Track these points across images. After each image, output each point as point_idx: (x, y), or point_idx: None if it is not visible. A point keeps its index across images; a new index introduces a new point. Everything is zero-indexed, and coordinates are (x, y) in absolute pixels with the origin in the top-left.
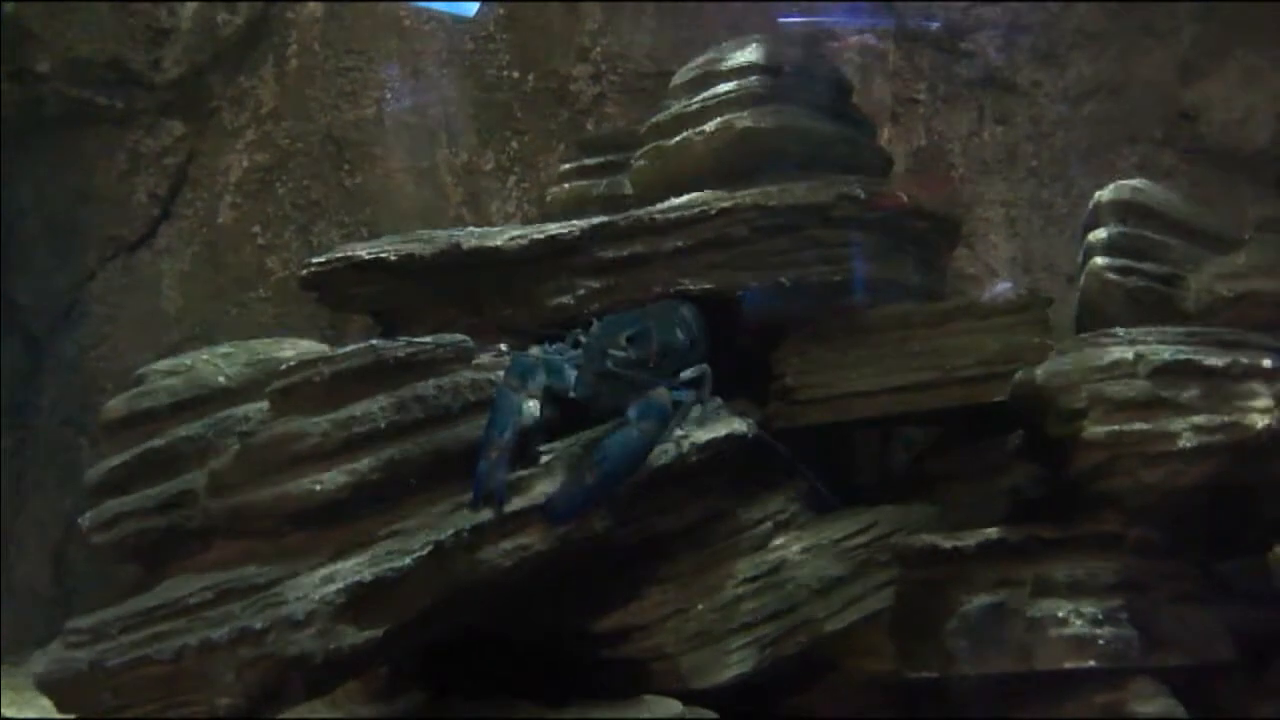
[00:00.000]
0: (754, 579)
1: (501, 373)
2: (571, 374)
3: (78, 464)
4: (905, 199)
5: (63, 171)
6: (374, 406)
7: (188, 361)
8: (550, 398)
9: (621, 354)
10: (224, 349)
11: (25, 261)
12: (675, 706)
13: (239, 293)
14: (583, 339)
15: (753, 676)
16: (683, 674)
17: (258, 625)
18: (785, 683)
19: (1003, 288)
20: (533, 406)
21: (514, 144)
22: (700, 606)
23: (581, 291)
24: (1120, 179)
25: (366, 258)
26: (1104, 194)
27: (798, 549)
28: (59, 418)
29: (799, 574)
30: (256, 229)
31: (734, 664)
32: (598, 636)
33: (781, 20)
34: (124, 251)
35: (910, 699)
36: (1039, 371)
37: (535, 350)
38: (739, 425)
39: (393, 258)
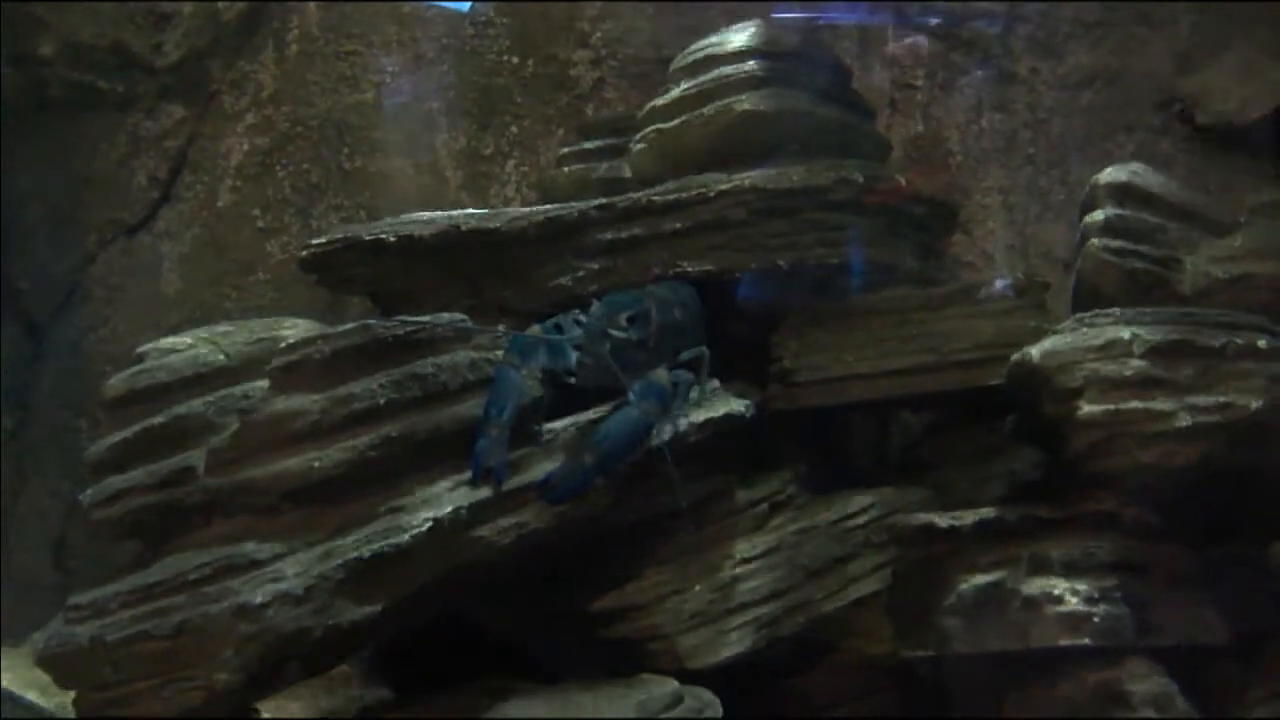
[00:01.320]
0: (751, 559)
1: (501, 352)
2: (571, 354)
3: (78, 447)
4: (903, 184)
5: (64, 155)
6: (373, 384)
7: (188, 340)
8: (550, 377)
9: (622, 334)
10: (223, 327)
11: (25, 245)
12: (672, 685)
13: (239, 276)
14: (582, 319)
15: (750, 657)
16: (680, 654)
17: (257, 600)
18: (782, 663)
19: (999, 277)
20: (532, 386)
21: (513, 128)
22: (698, 587)
23: (580, 273)
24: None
25: (366, 239)
26: (1101, 177)
27: (794, 530)
28: (59, 401)
29: (796, 555)
30: (256, 212)
31: (731, 644)
32: (595, 616)
33: (778, 15)
34: (124, 235)
35: (907, 678)
36: (1035, 351)
37: (535, 330)
38: (737, 406)
39: (392, 239)
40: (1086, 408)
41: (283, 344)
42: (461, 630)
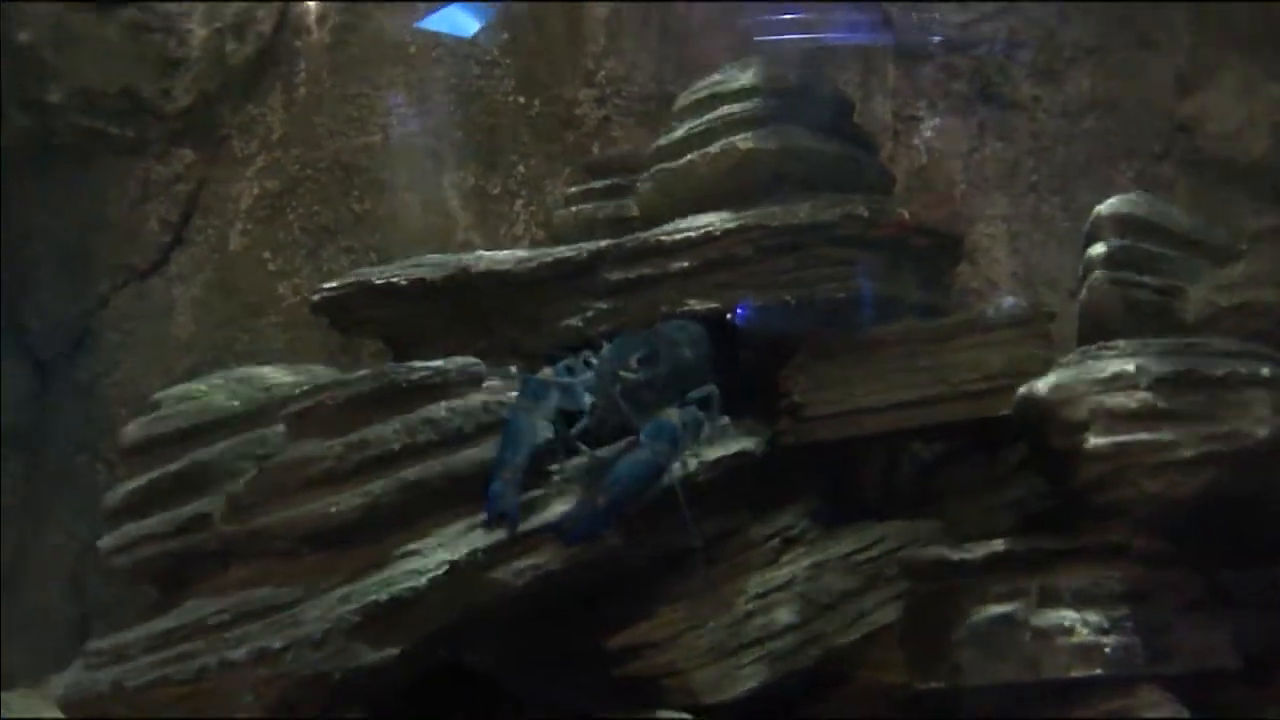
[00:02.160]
0: (765, 595)
1: (513, 394)
2: (583, 395)
3: (93, 489)
4: (908, 217)
5: (75, 200)
6: (387, 430)
7: (202, 387)
8: (562, 419)
9: (632, 375)
10: (238, 374)
11: (38, 289)
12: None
13: (250, 318)
14: (593, 360)
15: (764, 691)
16: (695, 689)
17: (276, 645)
18: (797, 697)
19: (1006, 303)
20: (545, 428)
21: (520, 168)
22: (712, 623)
23: (590, 313)
24: (1120, 192)
25: (377, 283)
26: (1103, 208)
27: (807, 564)
28: (72, 444)
29: (809, 589)
30: (267, 255)
31: (745, 679)
32: (610, 654)
33: (778, 39)
34: (136, 278)
35: (921, 710)
36: (1041, 385)
37: (547, 372)
38: (748, 443)
39: (403, 282)
40: (1093, 440)
41: (297, 390)
42: (465, 675)
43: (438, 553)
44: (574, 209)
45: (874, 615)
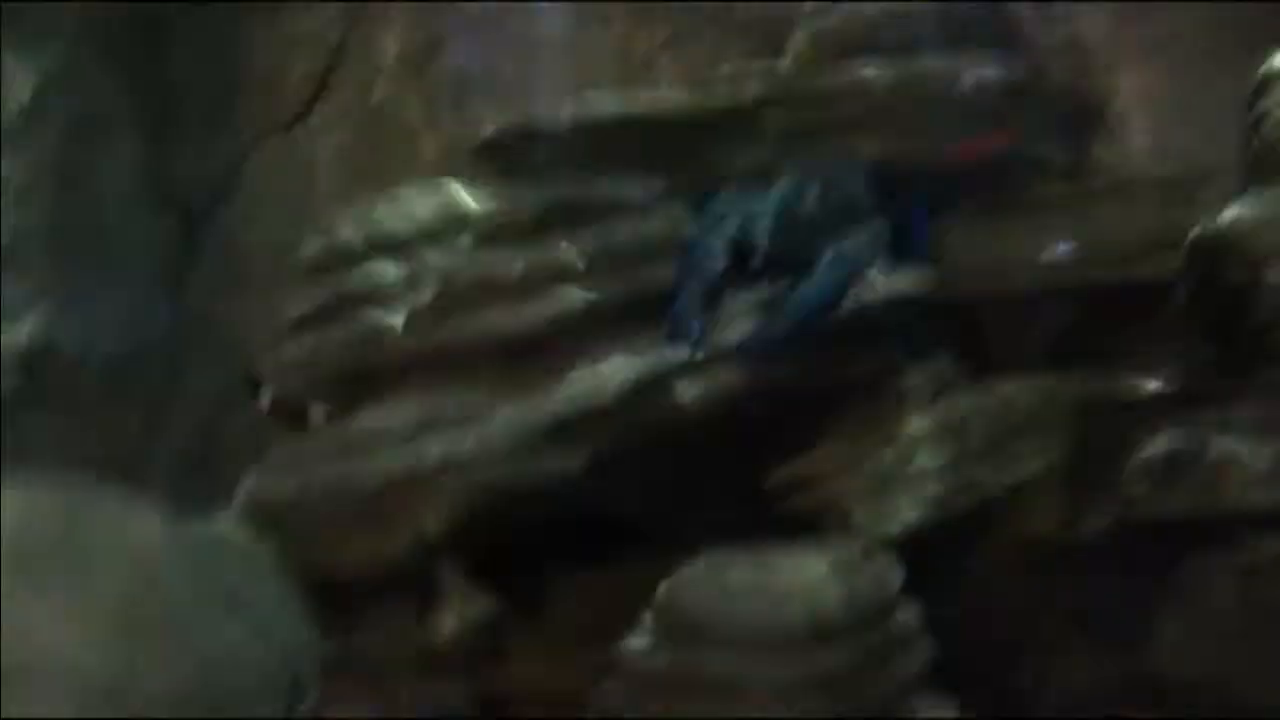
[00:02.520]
0: (921, 437)
1: (693, 222)
2: (763, 224)
3: (232, 339)
4: (1058, 79)
5: (220, 50)
6: (572, 248)
7: (380, 207)
8: (741, 245)
9: (813, 204)
10: (415, 193)
11: (183, 139)
12: (860, 543)
13: (393, 171)
14: (771, 191)
15: (921, 531)
16: (853, 525)
17: (462, 452)
18: (953, 539)
19: (1154, 167)
20: (725, 252)
21: (665, 26)
22: (871, 460)
23: (755, 158)
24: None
25: (542, 125)
26: (1275, 61)
27: (960, 410)
28: (213, 293)
29: (962, 434)
30: (412, 108)
31: (904, 517)
32: (772, 487)
33: None
34: (279, 131)
35: (1074, 554)
36: (1220, 220)
37: (727, 196)
38: (912, 282)
39: (568, 123)
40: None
41: (482, 208)
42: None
43: (621, 370)
44: (726, 66)
45: (1027, 462)
